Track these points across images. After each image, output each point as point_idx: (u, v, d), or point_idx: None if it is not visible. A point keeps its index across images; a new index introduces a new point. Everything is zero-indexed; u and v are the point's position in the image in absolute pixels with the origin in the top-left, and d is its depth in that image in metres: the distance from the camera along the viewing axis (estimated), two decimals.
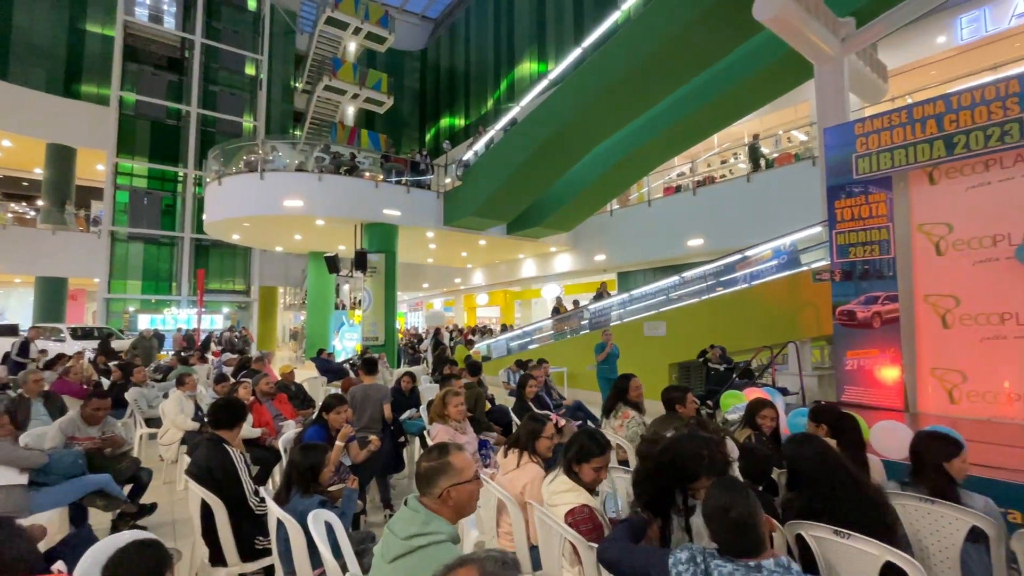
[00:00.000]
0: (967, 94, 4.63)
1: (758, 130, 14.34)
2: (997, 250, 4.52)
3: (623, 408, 3.60)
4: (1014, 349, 4.37)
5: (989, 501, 2.09)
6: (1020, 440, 3.69)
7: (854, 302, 5.25)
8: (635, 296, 10.76)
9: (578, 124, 9.88)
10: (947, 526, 2.01)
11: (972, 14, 10.85)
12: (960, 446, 2.21)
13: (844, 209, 5.40)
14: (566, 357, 10.92)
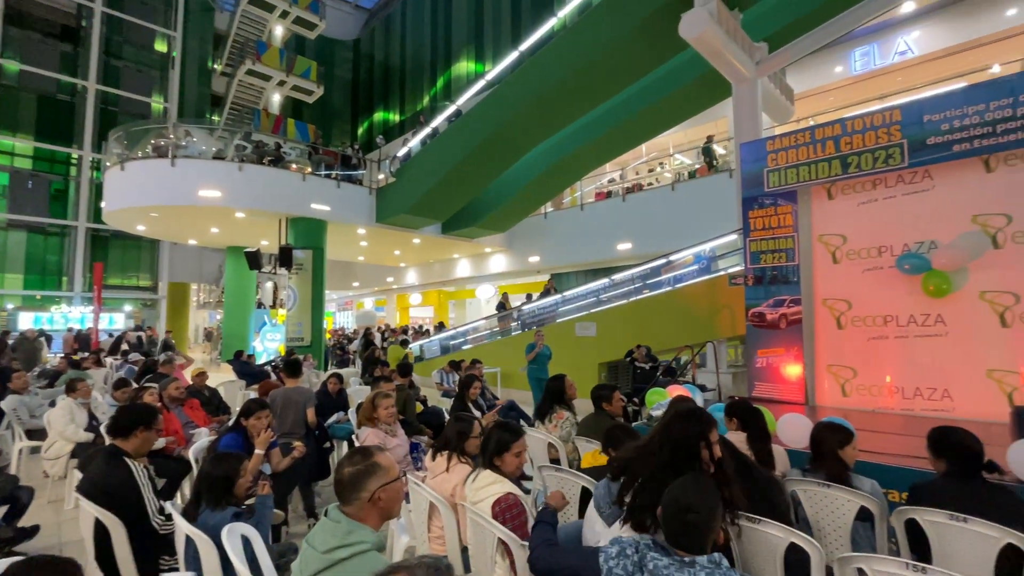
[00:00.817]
0: (859, 120, 5.17)
1: (682, 142, 15.22)
2: (882, 260, 5.09)
3: (558, 409, 3.67)
4: (894, 347, 4.95)
5: (875, 483, 2.35)
6: (899, 428, 4.18)
7: (764, 305, 5.70)
8: (568, 297, 11.03)
9: (514, 127, 9.98)
10: (841, 507, 2.23)
11: (864, 49, 12.17)
12: (851, 435, 2.46)
13: (757, 219, 5.85)
14: (499, 357, 10.98)
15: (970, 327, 4.60)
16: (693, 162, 14.48)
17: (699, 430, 1.81)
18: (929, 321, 4.81)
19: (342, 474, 1.59)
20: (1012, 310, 4.42)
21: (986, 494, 2.01)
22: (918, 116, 4.80)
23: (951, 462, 2.16)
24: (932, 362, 4.74)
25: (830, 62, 12.53)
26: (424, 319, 23.29)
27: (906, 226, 4.97)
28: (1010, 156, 4.48)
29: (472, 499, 2.24)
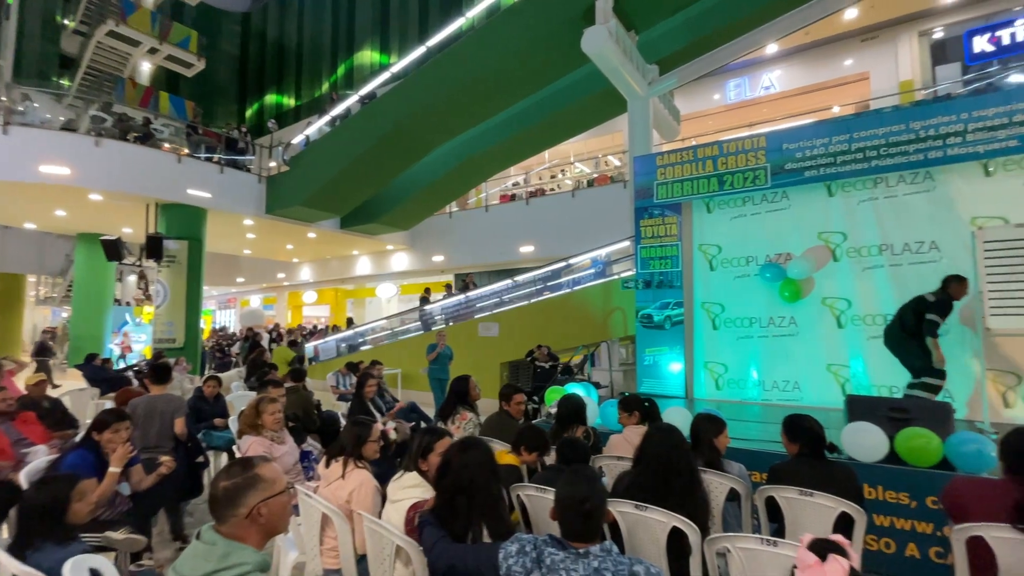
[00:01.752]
0: (733, 143, 5.80)
1: (581, 151, 15.99)
2: (748, 268, 5.76)
3: (461, 410, 3.64)
4: (758, 345, 5.62)
5: (742, 467, 2.64)
6: (761, 417, 4.75)
7: (653, 307, 6.17)
8: (471, 298, 11.05)
9: (419, 123, 9.79)
10: (715, 490, 2.47)
11: (737, 81, 13.70)
12: (724, 424, 2.74)
13: (647, 227, 6.31)
14: (400, 358, 10.69)
15: (814, 328, 5.37)
16: (592, 171, 15.28)
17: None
18: (784, 323, 5.53)
19: (217, 489, 1.42)
20: (846, 313, 5.24)
21: (828, 471, 2.36)
22: (779, 144, 5.50)
23: (801, 445, 2.49)
24: (787, 358, 5.45)
25: (710, 90, 13.92)
26: (319, 318, 21.96)
27: (768, 239, 5.67)
28: (846, 183, 5.31)
29: (392, 497, 2.18)
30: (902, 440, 3.08)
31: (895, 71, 11.85)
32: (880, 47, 12.06)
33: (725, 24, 7.71)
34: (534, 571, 1.46)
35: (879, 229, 5.14)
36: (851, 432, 3.22)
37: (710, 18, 7.84)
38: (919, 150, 4.83)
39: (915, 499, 2.97)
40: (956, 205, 4.81)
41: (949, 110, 4.79)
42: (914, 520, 2.95)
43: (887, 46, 11.99)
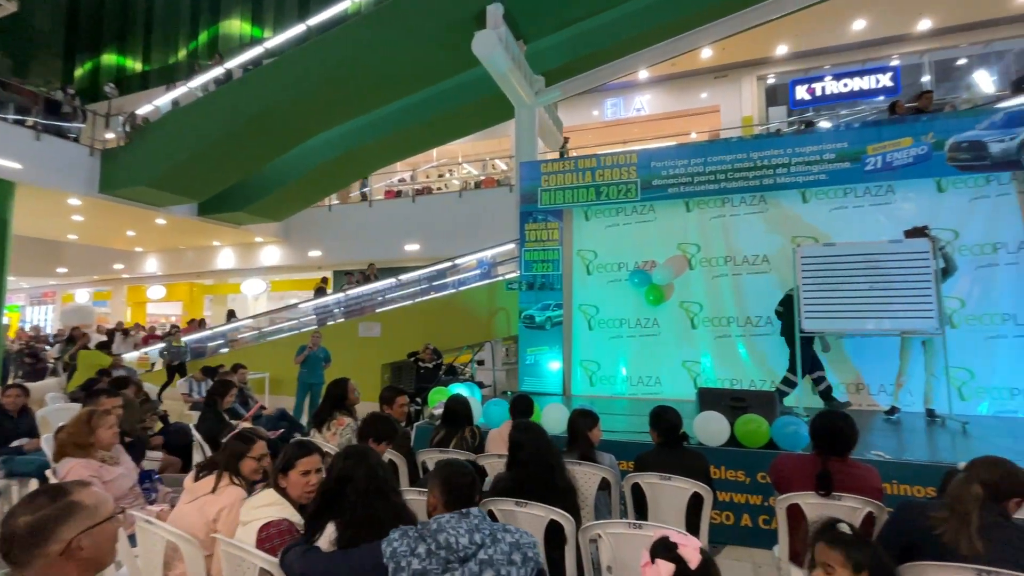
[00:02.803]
0: (609, 157, 6.26)
1: (470, 153, 16.09)
2: (620, 273, 6.26)
3: (338, 415, 3.43)
4: (626, 344, 6.13)
5: (612, 457, 2.85)
6: (628, 409, 5.17)
7: (535, 308, 6.41)
8: (352, 296, 10.50)
9: (294, 108, 9.05)
10: (589, 480, 2.64)
11: (614, 100, 14.84)
12: (597, 419, 2.94)
13: (531, 231, 6.55)
14: (269, 360, 9.79)
15: (673, 328, 6.00)
16: (479, 173, 15.45)
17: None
18: (649, 324, 6.10)
19: (16, 526, 1.14)
20: (699, 315, 5.93)
21: (683, 457, 2.65)
22: (647, 162, 6.06)
23: (662, 434, 2.77)
24: (650, 355, 6.02)
25: (590, 106, 14.90)
26: (170, 317, 19.27)
27: (636, 248, 6.22)
28: (701, 201, 6.02)
29: (243, 518, 1.93)
30: (739, 425, 3.57)
31: (739, 107, 13.75)
32: (728, 85, 13.90)
33: (605, 46, 8.29)
34: (419, 544, 1.47)
35: (725, 242, 5.91)
36: (701, 421, 3.65)
37: (592, 38, 8.39)
38: (756, 176, 5.66)
39: (749, 476, 3.47)
40: (782, 225, 5.71)
41: (778, 145, 5.68)
42: (748, 494, 3.44)
43: (734, 85, 13.87)
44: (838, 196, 5.57)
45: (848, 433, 2.29)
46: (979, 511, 1.65)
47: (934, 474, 2.98)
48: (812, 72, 13.18)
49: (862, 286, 4.62)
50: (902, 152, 5.22)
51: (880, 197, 5.44)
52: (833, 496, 2.17)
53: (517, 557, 1.49)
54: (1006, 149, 4.91)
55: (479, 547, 1.47)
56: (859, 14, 11.52)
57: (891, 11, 11.40)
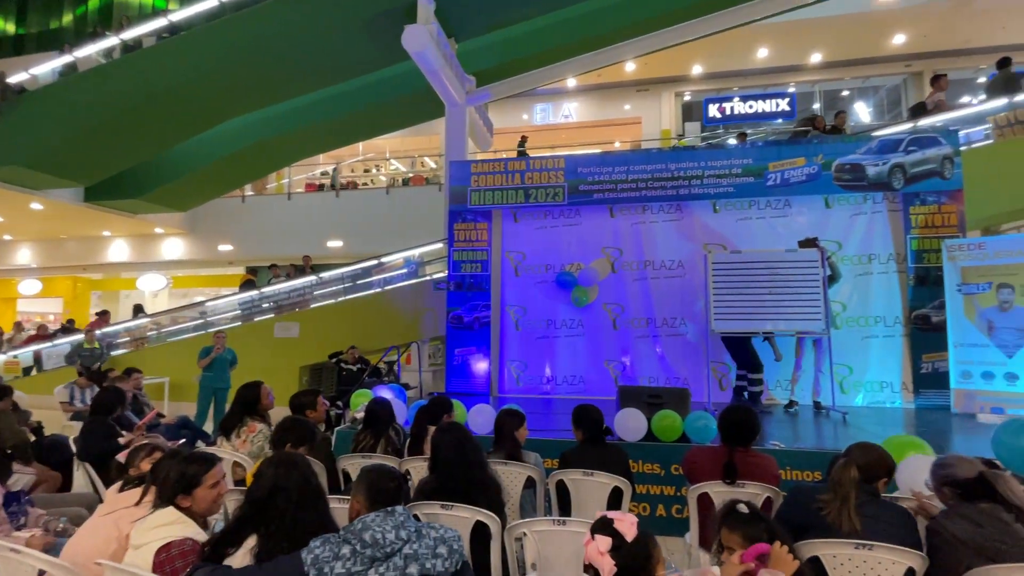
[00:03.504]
0: (538, 160, 6.38)
1: (398, 149, 15.70)
2: (548, 275, 6.39)
3: (249, 421, 3.18)
4: (552, 345, 6.27)
5: (538, 456, 2.90)
6: (554, 409, 5.29)
7: (463, 308, 6.38)
8: (267, 295, 9.85)
9: (202, 90, 8.34)
10: (515, 479, 2.66)
11: (543, 106, 15.14)
12: (524, 418, 2.98)
13: (460, 231, 6.51)
14: (169, 364, 8.93)
15: (596, 329, 6.23)
16: (408, 170, 15.13)
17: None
18: (574, 324, 6.29)
19: None
20: (620, 317, 6.20)
21: (606, 453, 2.75)
22: (574, 168, 6.25)
23: (584, 431, 2.85)
24: (575, 355, 6.21)
25: (521, 110, 15.10)
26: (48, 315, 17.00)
27: (563, 250, 6.38)
28: (623, 208, 6.30)
29: (135, 542, 1.71)
30: (656, 421, 3.78)
31: (659, 120, 14.57)
32: (649, 99, 14.69)
33: (536, 52, 8.44)
34: (343, 547, 1.42)
35: (645, 248, 6.23)
36: (620, 418, 3.81)
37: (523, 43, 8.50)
38: (673, 186, 6.01)
39: (663, 468, 3.67)
40: (695, 232, 6.12)
41: (692, 158, 6.09)
42: (663, 485, 3.65)
43: (654, 99, 14.68)
44: (744, 208, 6.06)
45: (751, 425, 2.49)
46: (856, 491, 1.86)
47: (821, 460, 3.33)
48: (723, 92, 14.26)
49: (763, 291, 5.06)
50: (797, 170, 5.80)
51: (779, 210, 6.00)
52: (738, 484, 2.35)
53: (443, 550, 1.49)
54: (879, 172, 5.60)
55: (405, 542, 1.45)
56: (762, 43, 12.64)
57: (788, 43, 12.62)
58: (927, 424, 4.57)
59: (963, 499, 1.83)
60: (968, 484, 1.83)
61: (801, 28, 11.87)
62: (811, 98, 14.14)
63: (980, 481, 1.81)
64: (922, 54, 12.94)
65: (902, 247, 5.63)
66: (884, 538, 1.76)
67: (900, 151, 5.62)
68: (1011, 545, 1.65)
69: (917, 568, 1.71)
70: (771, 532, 1.52)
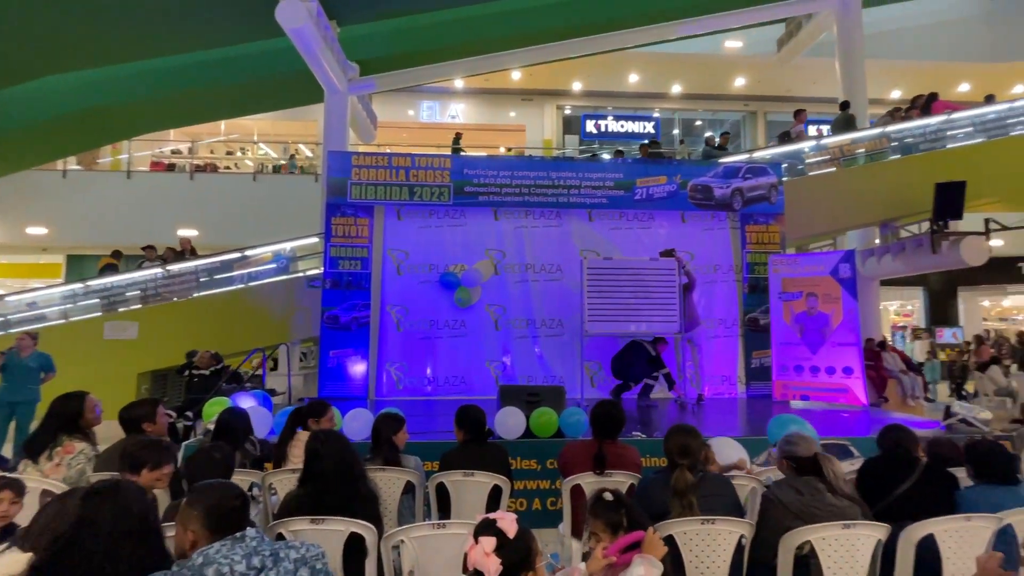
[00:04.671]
0: (424, 159, 6.29)
1: (269, 132, 14.36)
2: (431, 275, 6.31)
3: (66, 440, 2.62)
4: (434, 345, 6.20)
5: (417, 459, 2.83)
6: (436, 411, 5.22)
7: (339, 308, 6.03)
8: (94, 289, 8.33)
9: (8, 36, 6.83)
10: (393, 485, 2.57)
11: (430, 104, 14.98)
12: (403, 421, 2.89)
13: (339, 226, 6.15)
14: None
15: (479, 330, 6.30)
16: (280, 157, 13.90)
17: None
18: (457, 325, 6.29)
19: None
20: (502, 318, 6.34)
21: (487, 452, 2.77)
22: (461, 168, 6.27)
23: (466, 432, 2.85)
24: (457, 356, 6.21)
25: (406, 105, 14.76)
26: None
27: (448, 250, 6.36)
28: (507, 211, 6.46)
29: None
30: (534, 418, 3.93)
31: (542, 130, 15.23)
32: (533, 108, 15.30)
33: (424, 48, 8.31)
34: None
35: (527, 251, 6.46)
36: (500, 416, 3.90)
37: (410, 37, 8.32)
38: (553, 194, 6.33)
39: (540, 463, 3.83)
40: (573, 239, 6.50)
41: (571, 169, 6.46)
42: (539, 480, 3.80)
43: (537, 109, 15.32)
44: (615, 218, 6.58)
45: (619, 418, 2.70)
46: (691, 471, 2.12)
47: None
48: (599, 110, 15.38)
49: (630, 295, 5.54)
50: (660, 187, 6.45)
51: (645, 222, 6.62)
52: (606, 474, 2.53)
53: (304, 572, 1.37)
54: (724, 194, 6.47)
55: (259, 571, 1.31)
56: (633, 69, 13.88)
57: (654, 72, 14.03)
58: (756, 410, 5.37)
59: (797, 473, 2.16)
60: (804, 461, 2.17)
61: (664, 60, 13.28)
62: (672, 124, 15.85)
63: (813, 461, 2.15)
64: (756, 96, 15.25)
65: (739, 260, 6.55)
66: (721, 510, 2.02)
67: (739, 177, 6.55)
68: (821, 510, 2.00)
69: (746, 533, 1.99)
70: (631, 518, 1.64)
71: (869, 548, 1.93)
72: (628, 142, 14.65)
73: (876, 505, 2.16)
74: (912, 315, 15.98)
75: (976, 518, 1.94)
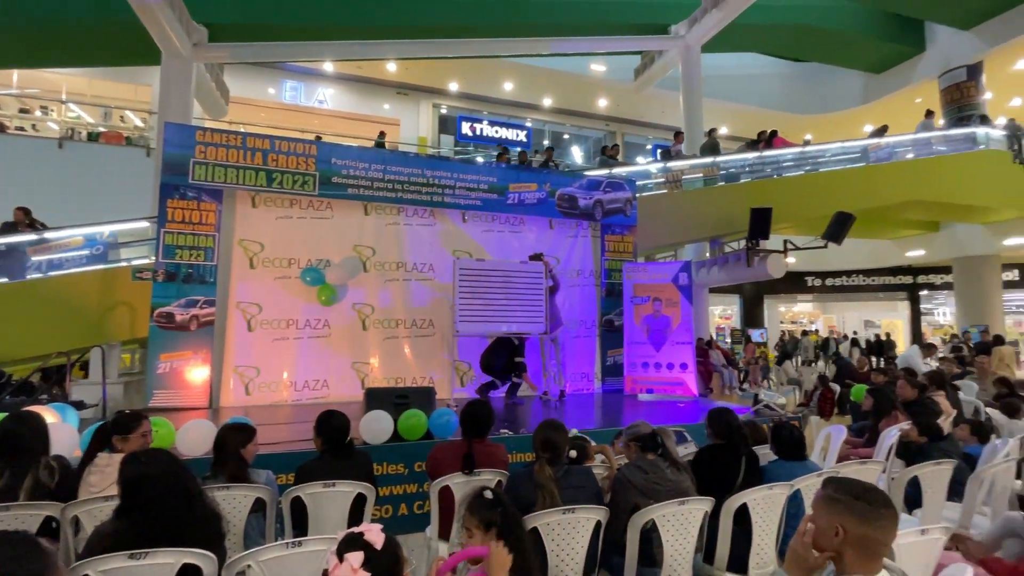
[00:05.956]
0: (286, 143, 5.75)
1: (83, 91, 11.92)
2: (290, 270, 5.79)
3: None
4: (293, 347, 5.70)
5: (269, 473, 2.56)
6: (292, 417, 4.79)
7: (174, 304, 5.23)
8: None
9: None
10: (239, 504, 2.28)
11: (294, 84, 13.76)
12: (252, 432, 2.59)
13: (177, 210, 5.34)
14: None
15: (344, 330, 5.94)
16: (99, 122, 11.61)
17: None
18: (320, 325, 5.86)
19: None
20: (370, 317, 6.06)
21: (349, 460, 2.61)
22: (328, 157, 5.86)
23: (327, 441, 2.65)
24: (318, 358, 5.77)
25: (266, 82, 13.38)
26: None
27: (311, 244, 5.90)
28: (379, 207, 6.20)
29: None
30: (402, 421, 3.81)
31: (417, 127, 14.94)
32: (409, 104, 14.94)
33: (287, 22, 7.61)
34: None
35: (399, 249, 6.26)
36: (366, 421, 3.71)
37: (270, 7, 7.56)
38: (428, 192, 6.23)
39: (407, 467, 3.73)
40: (446, 239, 6.47)
41: (447, 168, 6.43)
42: (406, 484, 3.70)
43: (413, 105, 15.00)
44: (488, 221, 6.71)
45: (488, 417, 2.74)
46: (552, 464, 2.25)
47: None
48: (475, 113, 15.57)
49: (500, 296, 5.69)
50: (531, 194, 6.74)
51: (516, 226, 6.85)
52: (475, 473, 2.56)
53: None
54: (587, 205, 6.98)
55: None
56: (508, 78, 14.32)
57: (527, 83, 14.64)
58: (610, 404, 5.87)
59: (643, 451, 2.42)
60: (646, 438, 2.45)
61: (537, 74, 13.93)
62: (543, 135, 16.68)
63: (653, 436, 2.43)
64: (616, 118, 16.77)
65: (599, 266, 7.12)
66: (584, 500, 2.17)
67: (600, 190, 7.12)
68: (662, 486, 2.25)
69: (602, 518, 2.16)
70: (505, 515, 1.68)
71: (698, 519, 2.22)
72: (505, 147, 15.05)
73: (713, 481, 2.48)
74: (731, 318, 18.94)
75: (777, 486, 2.34)
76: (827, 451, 3.85)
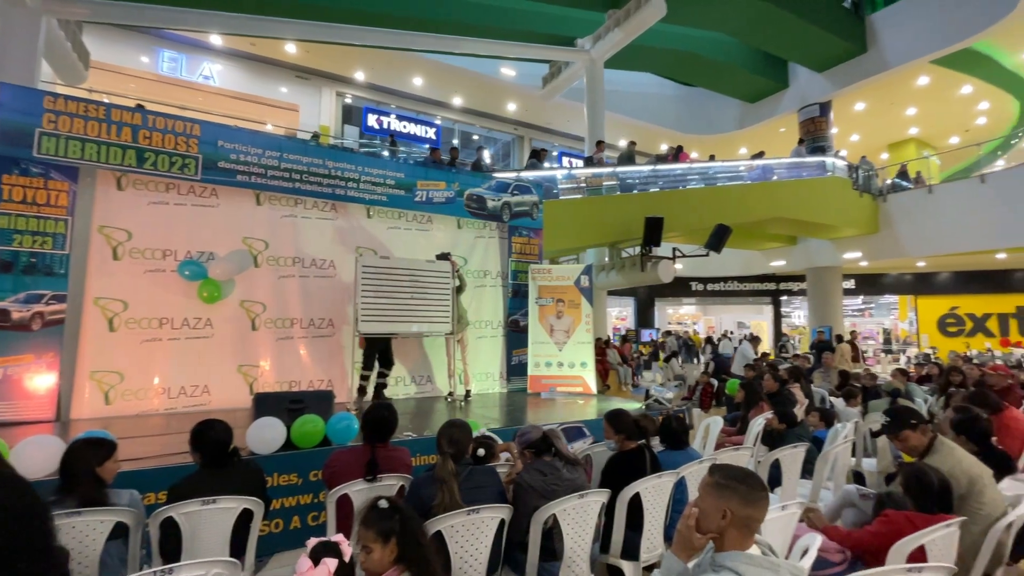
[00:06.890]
0: (162, 119, 5.11)
1: None
2: (165, 263, 5.15)
3: None
4: (166, 349, 5.07)
5: (133, 493, 2.24)
6: (163, 428, 4.25)
7: (11, 299, 4.42)
8: None
9: None
10: (94, 531, 1.97)
11: (173, 54, 12.29)
12: (112, 447, 2.25)
13: (15, 188, 4.52)
14: None
15: (230, 330, 5.40)
16: None
17: None
18: (200, 324, 5.27)
19: None
20: (261, 316, 5.58)
21: (233, 474, 2.36)
22: (214, 139, 5.30)
23: (207, 454, 2.37)
24: (198, 361, 5.19)
25: (138, 49, 11.82)
26: None
27: (192, 234, 5.29)
28: (273, 197, 5.74)
29: None
30: (296, 428, 3.55)
31: (318, 114, 14.07)
32: (309, 89, 14.03)
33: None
34: None
35: (295, 243, 5.84)
36: (254, 429, 3.40)
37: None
38: (329, 184, 5.89)
39: (301, 477, 3.47)
40: (349, 234, 6.16)
41: (351, 160, 6.13)
42: (299, 495, 3.44)
43: (314, 91, 14.11)
44: (394, 217, 6.50)
45: (392, 421, 2.65)
46: (455, 460, 2.24)
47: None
48: (382, 106, 15.03)
49: (406, 296, 5.54)
50: (439, 192, 6.64)
51: (423, 224, 6.71)
52: (378, 479, 2.45)
53: None
54: (495, 206, 7.04)
55: None
56: (419, 73, 14.03)
57: (438, 80, 14.46)
58: (514, 402, 5.97)
59: (537, 455, 2.46)
60: (538, 443, 2.50)
61: (448, 72, 13.81)
62: (452, 134, 16.56)
63: (544, 439, 2.49)
64: (524, 123, 17.15)
65: (506, 267, 7.21)
66: (488, 500, 2.17)
67: (508, 192, 7.23)
68: (560, 486, 2.32)
69: (505, 517, 2.18)
70: (403, 523, 1.61)
71: (596, 510, 2.33)
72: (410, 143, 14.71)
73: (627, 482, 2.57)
74: (626, 319, 20.24)
75: (665, 475, 2.53)
76: (707, 440, 4.25)
